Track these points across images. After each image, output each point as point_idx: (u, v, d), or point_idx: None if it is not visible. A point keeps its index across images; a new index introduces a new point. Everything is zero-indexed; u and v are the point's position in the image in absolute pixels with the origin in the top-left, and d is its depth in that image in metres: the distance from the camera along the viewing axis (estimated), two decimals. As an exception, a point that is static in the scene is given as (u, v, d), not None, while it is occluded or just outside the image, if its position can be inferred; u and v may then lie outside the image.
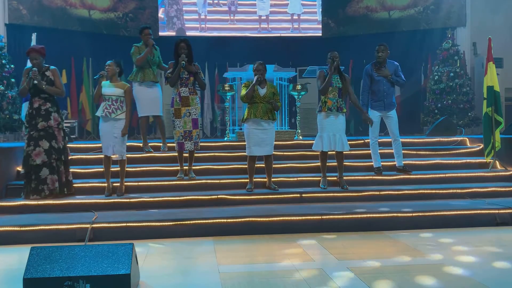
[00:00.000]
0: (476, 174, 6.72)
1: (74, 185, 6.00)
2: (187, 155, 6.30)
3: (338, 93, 6.08)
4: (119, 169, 5.92)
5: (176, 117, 6.13)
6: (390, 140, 6.70)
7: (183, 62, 5.97)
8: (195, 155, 6.41)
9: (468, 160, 7.13)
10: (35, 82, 5.65)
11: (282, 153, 7.06)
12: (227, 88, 7.98)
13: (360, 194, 6.04)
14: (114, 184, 5.95)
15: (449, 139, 8.00)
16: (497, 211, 5.37)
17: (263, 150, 6.01)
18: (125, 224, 4.93)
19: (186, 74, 6.10)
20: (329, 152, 6.24)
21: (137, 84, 6.97)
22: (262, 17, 13.47)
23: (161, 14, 13.13)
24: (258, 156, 6.10)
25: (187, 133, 6.13)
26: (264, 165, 6.17)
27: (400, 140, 6.67)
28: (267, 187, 6.13)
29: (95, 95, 5.99)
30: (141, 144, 7.18)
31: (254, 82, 5.93)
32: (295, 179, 6.40)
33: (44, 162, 5.69)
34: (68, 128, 9.71)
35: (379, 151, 6.68)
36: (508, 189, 6.25)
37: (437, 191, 6.15)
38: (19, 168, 6.03)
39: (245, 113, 6.08)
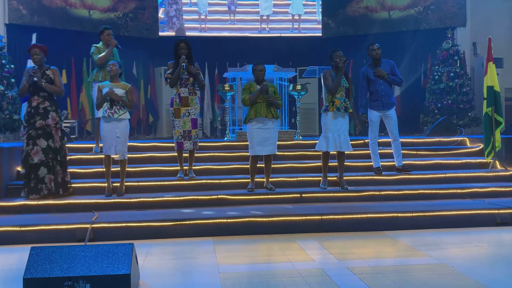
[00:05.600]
0: (476, 174, 6.71)
1: (75, 185, 5.98)
2: (187, 155, 6.30)
3: (346, 93, 6.08)
4: (119, 169, 5.92)
5: (176, 117, 6.13)
6: (390, 140, 6.70)
7: (184, 63, 5.96)
8: (195, 155, 6.41)
9: (468, 160, 7.13)
10: (35, 79, 5.64)
11: (282, 153, 7.05)
12: (227, 88, 7.98)
13: (360, 194, 6.04)
14: (114, 184, 5.94)
15: (449, 139, 7.99)
16: (497, 211, 5.37)
17: (267, 149, 5.99)
18: (125, 224, 4.93)
19: (186, 74, 6.10)
20: (331, 152, 6.23)
21: (99, 83, 6.73)
22: (263, 17, 13.47)
23: (161, 14, 13.12)
24: (260, 156, 6.08)
25: (186, 133, 6.13)
26: (263, 165, 6.16)
27: (400, 140, 6.67)
28: (263, 187, 6.12)
29: (98, 104, 5.85)
30: (141, 144, 7.20)
31: (259, 89, 5.87)
32: (295, 179, 6.39)
33: (41, 161, 5.66)
34: (68, 128, 9.71)
35: (378, 151, 6.68)
36: (508, 189, 6.25)
37: (437, 191, 6.15)
38: (19, 168, 6.02)
39: (248, 113, 6.05)
